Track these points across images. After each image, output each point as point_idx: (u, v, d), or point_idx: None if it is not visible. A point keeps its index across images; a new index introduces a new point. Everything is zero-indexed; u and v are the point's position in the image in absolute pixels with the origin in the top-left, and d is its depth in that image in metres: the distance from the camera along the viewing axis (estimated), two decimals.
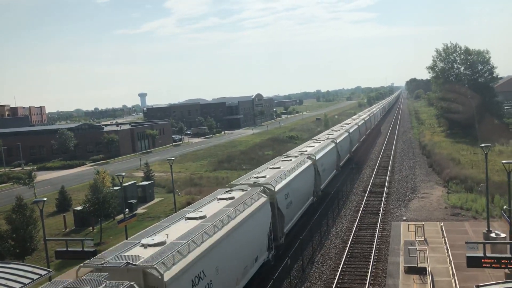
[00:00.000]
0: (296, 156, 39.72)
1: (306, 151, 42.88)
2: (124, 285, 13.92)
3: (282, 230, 28.67)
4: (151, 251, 16.65)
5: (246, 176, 31.89)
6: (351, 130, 65.16)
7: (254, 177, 30.54)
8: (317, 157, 40.79)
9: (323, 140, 51.59)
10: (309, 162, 38.40)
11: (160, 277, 14.95)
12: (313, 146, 46.57)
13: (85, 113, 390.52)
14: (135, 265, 15.32)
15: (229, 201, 23.83)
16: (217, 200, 24.74)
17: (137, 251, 16.88)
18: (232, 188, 27.40)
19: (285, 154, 43.22)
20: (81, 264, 16.41)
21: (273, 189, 27.38)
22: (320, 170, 40.48)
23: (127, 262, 15.42)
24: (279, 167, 34.06)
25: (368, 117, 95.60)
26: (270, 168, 34.29)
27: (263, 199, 25.54)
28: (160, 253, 16.22)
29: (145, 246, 17.29)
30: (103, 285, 13.95)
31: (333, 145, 49.79)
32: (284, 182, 29.96)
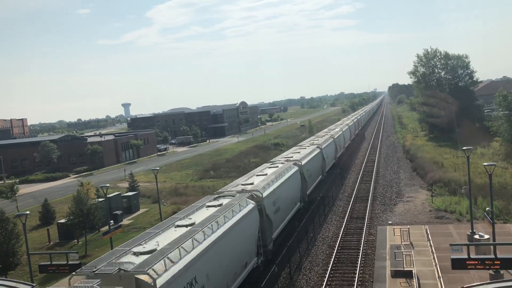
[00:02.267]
0: (282, 163, 39.99)
1: (292, 157, 43.26)
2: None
3: (271, 236, 29.07)
4: (142, 258, 16.77)
5: (234, 183, 32.06)
6: (336, 136, 65.80)
7: (242, 184, 30.76)
8: (303, 162, 41.16)
9: (308, 146, 52.14)
10: (295, 168, 38.70)
11: (152, 283, 14.99)
12: (299, 152, 47.04)
13: (68, 124, 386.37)
14: (128, 271, 15.39)
15: (218, 208, 24.05)
16: (206, 207, 24.91)
17: (128, 258, 17.00)
18: (220, 195, 27.62)
19: (271, 160, 43.56)
20: (73, 273, 16.62)
21: (260, 195, 27.69)
22: (306, 176, 40.83)
23: (119, 269, 15.53)
24: (265, 174, 34.36)
25: (352, 122, 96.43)
26: (257, 175, 34.52)
27: (251, 205, 25.76)
28: (152, 259, 16.32)
29: (136, 253, 17.41)
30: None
31: (318, 150, 50.24)
32: (271, 188, 30.24)
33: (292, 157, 43.50)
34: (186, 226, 21.07)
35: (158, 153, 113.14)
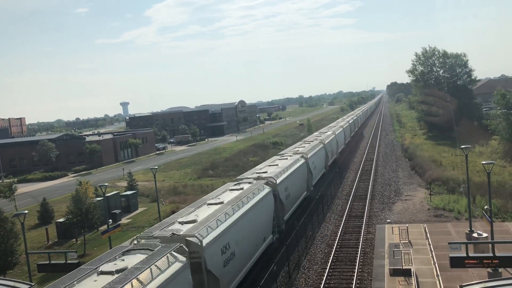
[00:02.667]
0: (290, 155, 43.48)
1: (298, 150, 46.79)
2: (176, 245, 17.95)
3: (283, 217, 32.79)
4: (187, 226, 20.59)
5: (250, 172, 36.40)
6: (337, 132, 69.03)
7: (257, 172, 34.69)
8: (309, 155, 44.54)
9: (312, 141, 55.32)
10: (302, 160, 42.11)
11: (199, 243, 18.89)
12: (305, 147, 50.50)
13: (66, 123, 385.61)
14: (179, 235, 19.23)
15: (240, 191, 27.55)
16: (229, 190, 28.48)
17: (176, 226, 20.80)
18: (240, 182, 31.16)
19: (280, 153, 47.57)
20: (135, 237, 20.17)
21: (275, 181, 31.42)
22: (311, 168, 43.99)
23: (172, 233, 19.33)
24: (277, 164, 38.18)
25: (352, 120, 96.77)
26: (269, 165, 38.35)
27: (267, 189, 29.45)
28: (195, 227, 20.25)
29: (181, 223, 21.27)
30: (160, 246, 17.77)
31: (321, 145, 53.33)
32: (283, 176, 33.84)
33: (298, 150, 47.19)
34: (216, 204, 24.70)
35: (157, 152, 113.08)
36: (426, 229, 31.42)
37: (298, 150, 47.03)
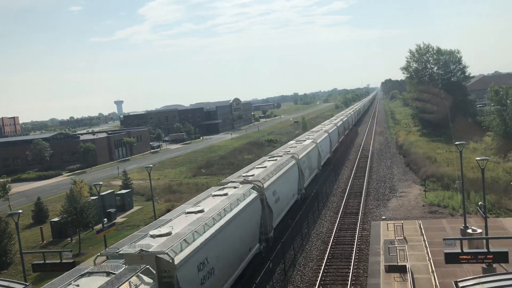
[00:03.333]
0: (280, 156, 41.35)
1: (289, 151, 44.56)
2: (141, 268, 16.04)
3: (271, 224, 30.47)
4: (159, 240, 18.75)
5: (236, 175, 33.47)
6: (330, 131, 67.00)
7: (243, 175, 32.07)
8: (300, 156, 42.36)
9: (304, 141, 53.31)
10: (293, 161, 39.88)
11: (171, 261, 16.96)
12: (296, 147, 48.35)
13: (60, 122, 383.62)
14: (148, 251, 17.29)
15: (223, 197, 25.75)
16: (212, 196, 26.55)
17: (147, 240, 18.94)
18: (224, 186, 29.20)
19: (270, 154, 44.89)
20: (99, 254, 18.81)
21: (262, 186, 29.10)
22: (303, 169, 42.06)
23: (140, 249, 17.41)
24: (265, 166, 35.85)
25: (346, 118, 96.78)
26: (257, 167, 35.93)
27: (253, 195, 27.37)
28: (168, 241, 18.34)
29: (153, 236, 19.38)
30: (123, 268, 15.99)
31: (314, 145, 51.38)
32: (271, 179, 31.68)
33: (289, 151, 44.88)
34: (196, 212, 22.82)
35: (151, 150, 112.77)
36: (421, 225, 31.53)
37: (289, 151, 44.58)
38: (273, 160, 39.64)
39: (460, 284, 15.39)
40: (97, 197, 37.66)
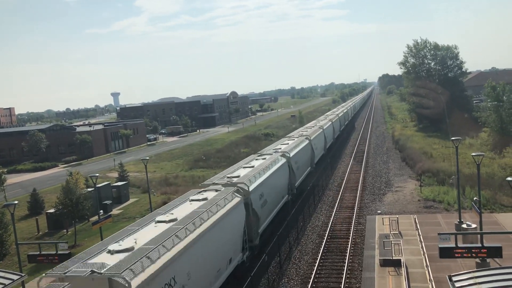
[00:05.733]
0: (270, 154, 39.07)
1: (280, 148, 42.52)
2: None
3: (257, 230, 28.22)
4: (118, 257, 15.99)
5: (219, 176, 30.86)
6: (325, 127, 64.91)
7: (228, 177, 29.63)
8: (291, 154, 40.30)
9: (297, 138, 51.10)
10: (283, 160, 37.82)
11: (127, 285, 14.22)
12: (287, 144, 45.97)
13: (56, 114, 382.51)
14: (100, 273, 14.56)
15: (202, 202, 23.30)
16: (189, 201, 24.07)
17: (103, 258, 16.18)
18: (205, 189, 26.75)
19: (259, 152, 42.36)
20: (43, 274, 15.87)
21: (247, 189, 26.81)
22: (294, 168, 39.99)
23: (91, 271, 14.69)
24: (252, 166, 33.50)
25: (342, 113, 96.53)
26: (243, 167, 33.62)
27: (237, 199, 24.93)
28: (128, 259, 15.56)
29: (111, 252, 16.59)
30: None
31: (307, 142, 49.42)
32: (258, 181, 29.41)
33: (280, 148, 42.64)
34: (167, 222, 20.07)
35: (148, 143, 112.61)
36: (416, 220, 31.67)
37: (280, 148, 42.45)
38: (261, 159, 37.17)
39: (454, 278, 15.51)
40: (93, 189, 37.63)
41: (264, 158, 37.15)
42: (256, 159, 37.25)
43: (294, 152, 41.69)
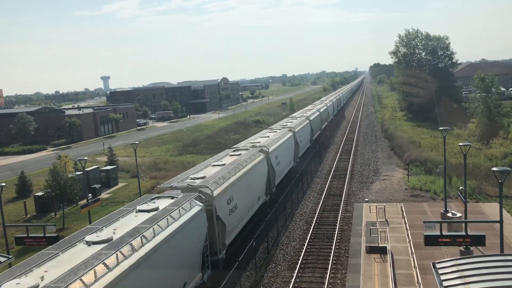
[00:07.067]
0: (246, 149, 35.05)
1: (258, 142, 38.65)
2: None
3: (223, 241, 24.30)
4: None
5: (182, 176, 27.13)
6: (312, 117, 61.70)
7: (191, 178, 25.87)
8: (270, 149, 36.53)
9: (279, 130, 47.72)
10: (261, 156, 34.11)
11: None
12: (268, 137, 42.36)
13: (45, 96, 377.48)
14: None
15: (150, 214, 19.35)
16: (135, 212, 20.10)
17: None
18: (160, 195, 23.30)
19: (234, 147, 38.49)
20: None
21: (210, 193, 23.18)
22: (274, 164, 36.60)
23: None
24: (224, 164, 29.64)
25: (331, 102, 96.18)
26: (213, 165, 29.64)
27: (196, 208, 21.28)
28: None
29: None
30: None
31: (290, 134, 45.89)
32: (227, 183, 25.75)
33: (259, 142, 38.90)
34: (99, 243, 16.12)
35: (138, 127, 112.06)
36: (403, 208, 32.08)
37: (258, 142, 38.84)
38: (236, 155, 33.04)
39: (438, 266, 15.78)
40: (82, 172, 37.49)
41: (240, 154, 33.13)
42: (230, 155, 33.36)
43: (274, 146, 38.05)
